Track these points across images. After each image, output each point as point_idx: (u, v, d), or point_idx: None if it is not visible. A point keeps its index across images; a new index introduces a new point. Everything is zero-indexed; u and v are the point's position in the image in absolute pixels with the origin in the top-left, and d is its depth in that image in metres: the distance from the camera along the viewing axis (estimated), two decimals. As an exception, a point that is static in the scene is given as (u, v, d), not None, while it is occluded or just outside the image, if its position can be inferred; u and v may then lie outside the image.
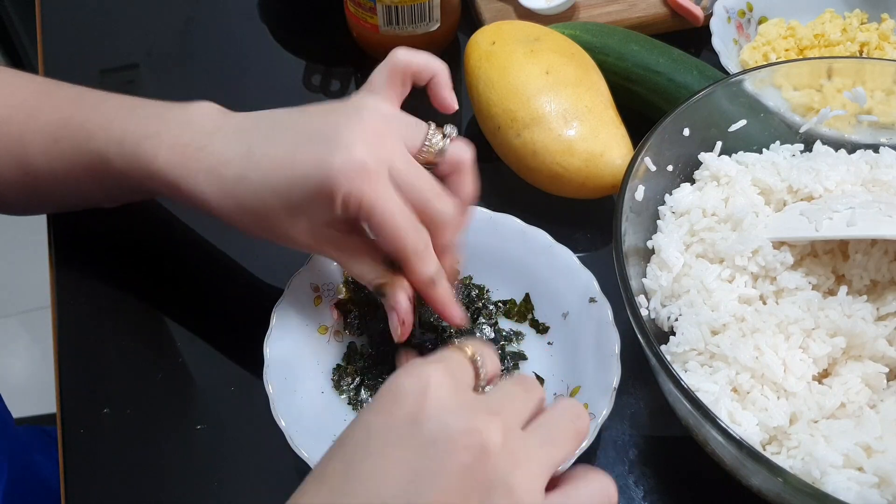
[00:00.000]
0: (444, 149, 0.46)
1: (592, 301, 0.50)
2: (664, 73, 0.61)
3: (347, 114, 0.45)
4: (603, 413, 0.46)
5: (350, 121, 0.44)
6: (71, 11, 0.75)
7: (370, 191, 0.42)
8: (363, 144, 0.43)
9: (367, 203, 0.42)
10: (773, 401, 0.45)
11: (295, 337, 0.50)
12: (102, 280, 0.57)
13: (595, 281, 0.51)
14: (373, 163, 0.42)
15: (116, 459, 0.50)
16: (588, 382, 0.48)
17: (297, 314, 0.50)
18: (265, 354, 0.48)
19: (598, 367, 0.48)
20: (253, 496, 0.49)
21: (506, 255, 0.54)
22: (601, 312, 0.50)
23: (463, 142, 0.47)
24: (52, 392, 0.53)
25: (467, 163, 0.47)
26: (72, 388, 0.53)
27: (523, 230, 0.54)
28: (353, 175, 0.42)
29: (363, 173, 0.42)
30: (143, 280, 0.57)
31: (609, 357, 0.48)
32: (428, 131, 0.46)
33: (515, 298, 0.54)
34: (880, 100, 0.57)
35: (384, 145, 0.44)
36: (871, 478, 0.41)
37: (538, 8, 0.68)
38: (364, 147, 0.43)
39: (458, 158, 0.46)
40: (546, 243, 0.53)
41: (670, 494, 0.49)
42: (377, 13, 0.65)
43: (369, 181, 0.42)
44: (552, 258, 0.53)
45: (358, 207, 0.43)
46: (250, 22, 0.74)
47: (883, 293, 0.48)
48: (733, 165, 0.54)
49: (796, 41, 0.66)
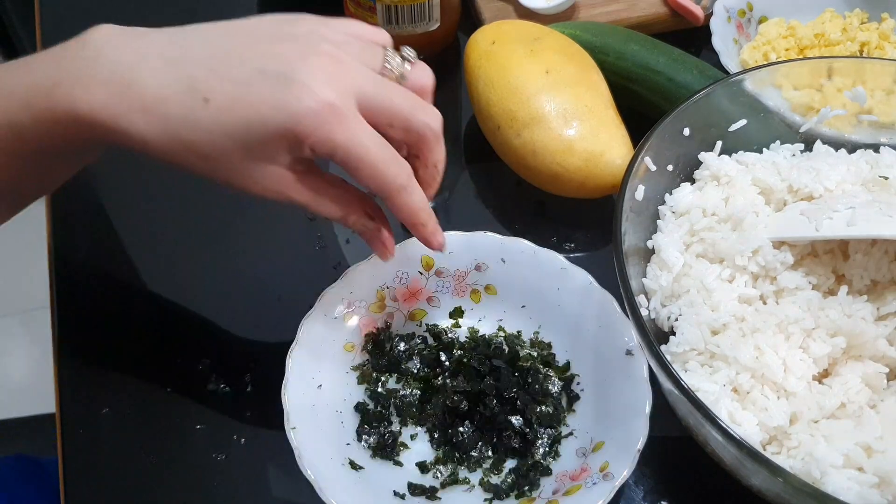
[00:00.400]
0: (405, 73, 0.43)
1: (629, 354, 0.48)
2: (664, 73, 0.61)
3: (298, 41, 0.41)
4: (623, 474, 0.43)
5: (308, 51, 0.40)
6: (70, 11, 0.75)
7: (341, 131, 0.39)
8: (325, 80, 0.39)
9: (341, 145, 0.40)
10: (774, 401, 0.45)
11: (320, 352, 0.49)
12: (102, 280, 0.57)
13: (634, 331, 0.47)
14: (339, 99, 0.39)
15: (116, 459, 0.50)
16: (612, 440, 0.46)
17: (325, 329, 0.50)
18: (287, 365, 0.47)
19: (625, 423, 0.46)
20: (253, 496, 0.49)
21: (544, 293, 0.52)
22: (636, 366, 0.47)
23: (423, 65, 0.44)
24: (51, 392, 0.53)
25: (429, 88, 0.44)
26: (71, 388, 0.53)
27: (565, 267, 0.52)
28: (321, 117, 0.39)
29: (331, 114, 0.39)
30: (143, 280, 0.57)
31: (638, 415, 0.45)
32: (385, 54, 0.43)
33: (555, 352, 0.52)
34: (880, 99, 0.57)
35: (346, 74, 0.40)
36: (871, 478, 0.41)
37: (538, 7, 0.68)
38: (327, 83, 0.39)
39: (422, 84, 0.44)
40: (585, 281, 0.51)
41: (670, 494, 0.49)
42: (377, 13, 0.65)
43: (338, 121, 0.39)
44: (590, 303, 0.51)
45: (330, 151, 0.40)
46: (250, 21, 0.74)
47: (883, 293, 0.48)
48: (733, 165, 0.54)
49: (796, 41, 0.66)
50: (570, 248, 0.59)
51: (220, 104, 0.39)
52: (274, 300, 0.56)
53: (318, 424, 0.47)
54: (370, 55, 0.43)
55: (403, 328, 0.53)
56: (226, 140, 0.40)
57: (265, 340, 0.54)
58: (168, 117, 0.40)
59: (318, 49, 0.40)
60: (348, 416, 0.49)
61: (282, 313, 0.55)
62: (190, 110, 0.40)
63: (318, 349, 0.49)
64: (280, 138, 0.40)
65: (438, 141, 0.44)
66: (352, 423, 0.49)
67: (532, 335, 0.53)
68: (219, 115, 0.40)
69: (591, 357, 0.50)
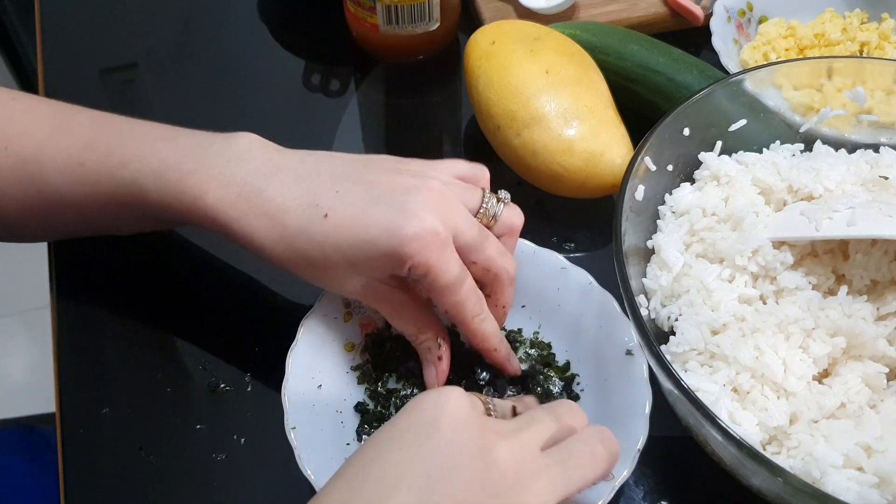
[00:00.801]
0: (499, 214, 0.47)
1: (629, 354, 0.48)
2: (664, 73, 0.61)
3: (414, 177, 0.45)
4: (623, 474, 0.44)
5: (419, 185, 0.45)
6: (70, 11, 0.75)
7: (438, 258, 0.43)
8: (433, 211, 0.44)
9: (435, 269, 0.44)
10: (773, 401, 0.45)
11: (320, 351, 0.49)
12: (102, 280, 0.57)
13: (634, 331, 0.47)
14: (443, 230, 0.43)
15: (116, 459, 0.50)
16: None
17: (325, 329, 0.50)
18: (287, 365, 0.47)
19: (625, 423, 0.46)
20: (253, 496, 0.49)
21: (544, 293, 0.53)
22: (636, 367, 0.48)
23: (515, 207, 0.49)
24: (51, 392, 0.53)
25: (518, 228, 0.49)
26: (71, 388, 0.53)
27: (565, 267, 0.52)
28: (425, 243, 0.43)
29: (434, 241, 0.43)
30: (143, 280, 0.57)
31: (637, 416, 0.46)
32: (484, 196, 0.47)
33: (555, 352, 0.52)
34: (880, 99, 0.57)
35: (449, 211, 0.44)
36: (871, 478, 0.41)
37: (538, 7, 0.68)
38: (434, 214, 0.43)
39: (511, 223, 0.48)
40: (585, 281, 0.51)
41: (670, 494, 0.49)
42: (377, 13, 0.65)
43: (438, 249, 0.43)
44: (590, 303, 0.51)
45: (425, 273, 0.44)
46: (250, 21, 0.74)
47: (883, 293, 0.48)
48: (733, 165, 0.54)
49: (796, 41, 0.66)
50: (570, 248, 0.59)
51: (338, 221, 0.44)
52: (274, 299, 0.56)
53: (318, 424, 0.47)
54: (471, 196, 0.47)
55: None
56: (335, 253, 0.44)
57: (265, 340, 0.54)
58: (286, 227, 0.44)
59: (428, 184, 0.45)
60: (348, 417, 0.49)
61: (282, 313, 0.55)
62: (308, 222, 0.44)
63: (318, 349, 0.49)
64: (385, 257, 0.44)
65: (511, 285, 0.48)
66: (352, 423, 0.49)
67: (532, 335, 0.53)
68: (334, 230, 0.44)
69: (590, 357, 0.51)
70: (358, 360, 0.51)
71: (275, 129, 0.51)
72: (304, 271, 0.46)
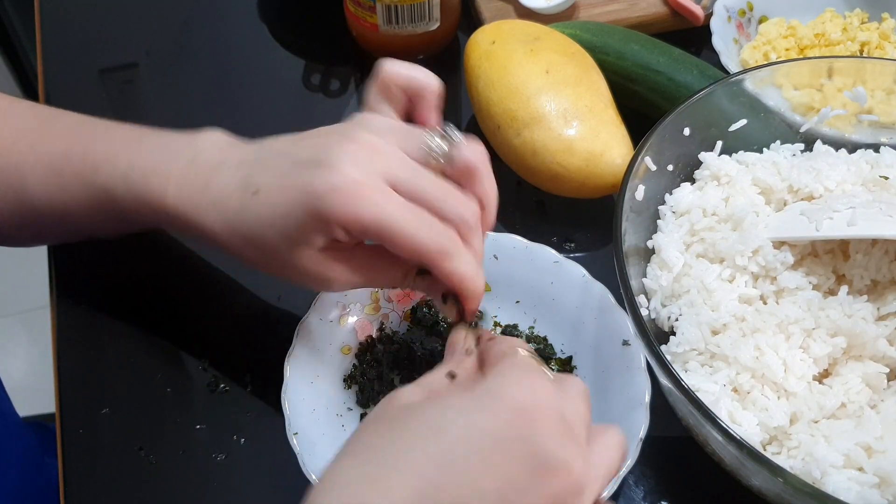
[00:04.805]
0: (451, 154, 0.42)
1: (626, 344, 0.48)
2: (664, 73, 0.61)
3: (338, 133, 0.42)
4: (627, 463, 0.43)
5: (340, 140, 0.41)
6: (70, 11, 0.75)
7: (369, 206, 0.39)
8: (352, 161, 0.40)
9: (369, 219, 0.39)
10: (774, 401, 0.45)
11: (317, 355, 0.49)
12: (102, 280, 0.57)
13: (631, 323, 0.47)
14: (364, 176, 0.39)
15: (116, 459, 0.50)
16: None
17: (321, 332, 0.50)
18: (285, 370, 0.47)
19: (626, 414, 0.46)
20: (253, 496, 0.49)
21: (538, 288, 0.52)
22: (633, 357, 0.47)
23: (473, 144, 0.43)
24: (51, 392, 0.53)
25: (478, 166, 0.42)
26: (71, 388, 0.53)
27: (558, 261, 0.52)
28: (344, 194, 0.39)
29: (355, 190, 0.39)
30: (142, 280, 0.57)
31: (638, 406, 0.46)
32: (423, 135, 0.42)
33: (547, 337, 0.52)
34: (881, 99, 0.57)
35: (379, 158, 0.40)
36: (871, 478, 0.41)
37: (538, 7, 0.68)
38: (353, 164, 0.40)
39: (467, 162, 0.42)
40: (578, 274, 0.52)
41: (670, 494, 0.49)
42: (377, 12, 0.65)
43: (364, 197, 0.39)
44: (585, 296, 0.51)
45: (361, 228, 0.40)
46: (250, 21, 0.74)
47: (883, 293, 0.48)
48: (733, 165, 0.54)
49: (797, 40, 0.66)
50: (569, 248, 0.59)
51: (266, 196, 0.42)
52: (274, 299, 0.56)
53: (320, 428, 0.47)
54: (410, 139, 0.42)
55: (399, 328, 0.53)
56: (269, 230, 0.42)
57: (265, 340, 0.54)
58: (228, 211, 0.43)
59: (352, 136, 0.41)
60: (349, 419, 0.49)
61: (282, 312, 0.55)
62: (242, 203, 0.43)
63: (316, 353, 0.49)
64: (310, 220, 0.40)
65: (472, 233, 0.42)
66: (352, 425, 0.49)
67: (528, 330, 0.53)
68: (264, 205, 0.42)
69: (588, 349, 0.51)
70: (355, 362, 0.51)
71: (275, 129, 0.50)
72: (257, 259, 0.44)
